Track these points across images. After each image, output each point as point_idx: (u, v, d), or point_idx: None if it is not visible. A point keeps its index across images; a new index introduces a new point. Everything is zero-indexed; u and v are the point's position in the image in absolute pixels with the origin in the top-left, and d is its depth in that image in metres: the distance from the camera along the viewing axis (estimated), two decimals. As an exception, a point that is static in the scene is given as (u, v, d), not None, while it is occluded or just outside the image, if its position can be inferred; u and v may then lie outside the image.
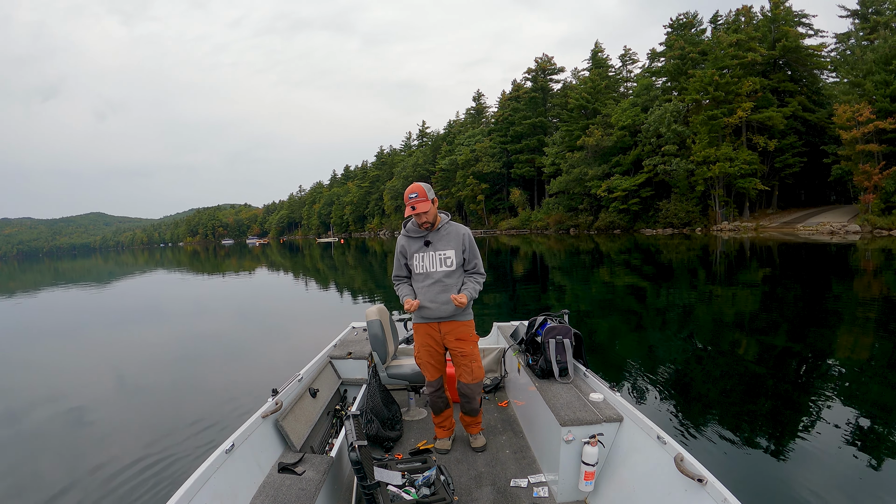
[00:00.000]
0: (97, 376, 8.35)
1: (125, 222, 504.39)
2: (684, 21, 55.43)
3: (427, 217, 3.35)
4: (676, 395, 5.81)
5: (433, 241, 3.44)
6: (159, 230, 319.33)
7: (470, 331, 3.56)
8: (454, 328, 3.49)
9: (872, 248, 22.54)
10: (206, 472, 2.36)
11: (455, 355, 3.54)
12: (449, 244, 3.44)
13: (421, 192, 3.29)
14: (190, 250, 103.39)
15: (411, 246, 3.51)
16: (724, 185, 45.03)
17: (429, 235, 3.45)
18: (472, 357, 3.52)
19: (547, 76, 74.44)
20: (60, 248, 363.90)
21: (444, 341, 3.52)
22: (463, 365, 3.53)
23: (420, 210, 3.27)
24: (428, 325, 3.51)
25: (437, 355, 3.57)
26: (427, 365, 3.59)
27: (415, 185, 3.32)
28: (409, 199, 3.29)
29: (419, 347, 3.58)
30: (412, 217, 3.45)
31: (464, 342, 3.51)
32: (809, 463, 4.02)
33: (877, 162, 34.76)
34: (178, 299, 19.86)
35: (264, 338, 10.90)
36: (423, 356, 3.59)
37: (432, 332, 3.51)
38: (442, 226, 3.47)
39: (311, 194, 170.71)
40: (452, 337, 3.50)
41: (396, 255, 3.60)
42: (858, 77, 36.38)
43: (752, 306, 11.00)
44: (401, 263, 3.59)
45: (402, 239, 3.58)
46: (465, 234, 3.50)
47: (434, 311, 3.42)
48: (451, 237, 3.46)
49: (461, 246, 3.46)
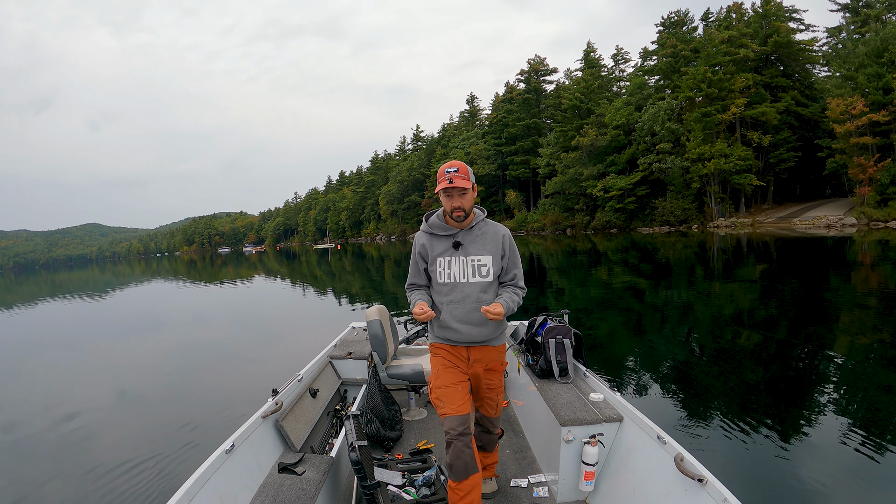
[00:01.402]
0: (97, 382, 8.33)
1: (121, 233, 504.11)
2: (676, 19, 55.77)
3: (464, 203, 2.59)
4: (676, 394, 5.77)
5: (465, 243, 2.66)
6: (155, 240, 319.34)
7: (503, 357, 2.87)
8: (486, 355, 2.74)
9: (869, 241, 22.62)
10: (207, 472, 2.34)
11: (480, 388, 2.84)
12: (485, 247, 2.67)
13: (462, 169, 2.56)
14: (186, 259, 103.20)
15: (435, 247, 2.70)
16: (720, 181, 45.21)
17: (459, 234, 2.67)
18: (499, 389, 2.88)
19: (540, 77, 74.70)
20: (57, 260, 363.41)
21: (471, 370, 2.75)
22: (488, 399, 2.87)
23: (458, 185, 2.50)
24: (453, 347, 2.73)
25: (464, 381, 2.72)
26: (451, 393, 2.64)
27: (454, 161, 2.62)
28: (447, 174, 2.54)
29: (439, 369, 2.73)
30: (437, 211, 2.79)
31: (495, 374, 2.82)
32: (809, 463, 3.99)
33: (871, 154, 34.96)
34: (177, 308, 19.78)
35: (264, 339, 10.90)
36: (445, 380, 2.68)
37: (458, 356, 2.73)
38: (476, 223, 2.71)
39: (306, 201, 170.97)
40: (482, 366, 2.75)
41: (414, 258, 2.81)
42: (851, 70, 36.63)
43: (751, 303, 10.98)
44: (419, 269, 2.78)
45: (421, 237, 2.77)
46: (506, 237, 2.73)
47: (465, 335, 2.65)
48: (488, 239, 2.69)
49: (500, 251, 2.69)
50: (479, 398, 2.90)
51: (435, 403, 2.66)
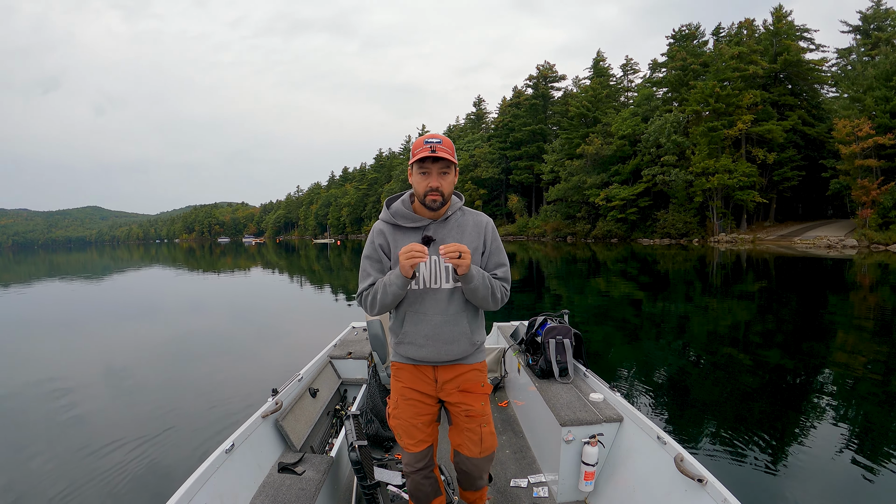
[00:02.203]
0: (94, 374, 8.23)
1: (121, 217, 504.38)
2: (686, 32, 55.81)
3: (444, 185, 2.06)
4: (676, 395, 5.80)
5: (438, 238, 2.12)
6: (155, 226, 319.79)
7: (482, 377, 2.30)
8: (459, 375, 2.23)
9: (869, 263, 22.63)
10: (206, 472, 2.33)
11: (456, 415, 2.29)
12: (463, 243, 2.10)
13: (447, 143, 2.04)
14: (185, 247, 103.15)
15: (399, 242, 2.13)
16: (723, 196, 45.23)
17: (431, 227, 2.14)
18: (482, 418, 2.28)
19: (548, 83, 74.82)
20: (56, 241, 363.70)
21: (441, 393, 2.25)
22: (468, 430, 2.27)
23: (442, 155, 1.97)
24: (416, 367, 2.24)
25: (426, 414, 2.27)
26: (410, 428, 2.25)
27: (437, 134, 2.07)
28: (427, 144, 2.00)
29: (398, 399, 2.27)
30: (403, 195, 2.25)
31: (471, 395, 2.26)
32: (809, 463, 4.03)
33: (875, 177, 35.00)
34: (175, 296, 19.75)
35: (264, 337, 10.82)
36: (403, 413, 2.25)
37: (423, 378, 2.24)
38: (451, 214, 2.19)
39: (308, 195, 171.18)
40: (454, 387, 2.24)
41: (366, 258, 2.20)
42: (859, 92, 36.70)
43: (749, 316, 11.00)
44: (373, 269, 2.17)
45: (381, 229, 2.20)
46: (488, 226, 2.23)
47: (432, 353, 2.16)
48: (468, 231, 2.17)
49: (481, 244, 2.19)
50: (457, 430, 2.31)
51: (394, 431, 2.32)
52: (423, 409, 2.25)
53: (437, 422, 2.37)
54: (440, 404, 2.32)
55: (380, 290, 2.06)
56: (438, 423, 2.38)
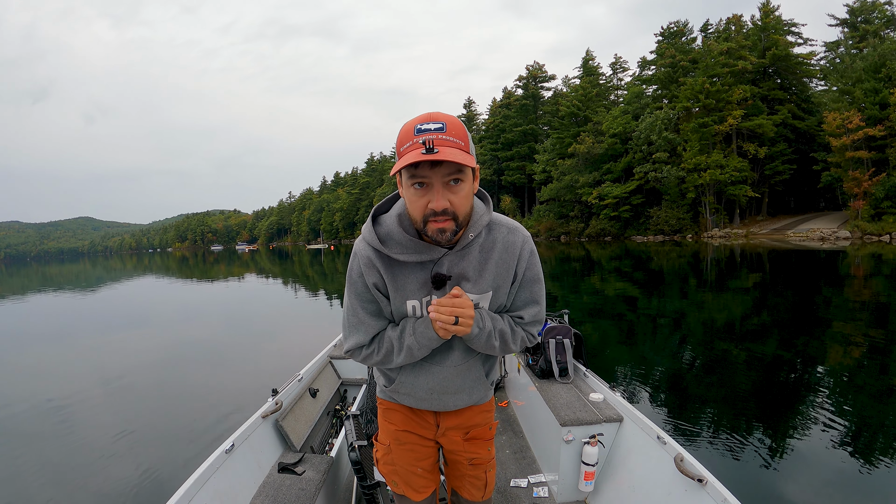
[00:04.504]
0: (93, 380, 8.18)
1: (114, 227, 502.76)
2: (675, 30, 56.11)
3: (456, 202, 1.28)
4: (676, 395, 5.78)
5: (455, 274, 1.43)
6: (148, 235, 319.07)
7: (490, 418, 1.84)
8: (465, 421, 1.77)
9: (863, 254, 22.75)
10: (206, 472, 2.32)
11: (457, 463, 1.83)
12: (488, 276, 1.46)
13: (453, 127, 1.25)
14: (179, 256, 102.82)
15: (399, 282, 1.45)
16: (715, 192, 45.47)
17: (445, 259, 1.42)
18: (488, 464, 1.85)
19: (538, 84, 75.01)
20: (48, 253, 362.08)
21: (442, 438, 1.78)
22: (471, 477, 1.83)
23: (445, 157, 1.17)
24: (413, 411, 1.75)
25: (427, 458, 1.80)
26: (409, 476, 1.77)
27: (436, 113, 1.26)
28: (421, 132, 1.22)
29: (391, 443, 1.78)
30: (395, 204, 1.50)
31: (478, 442, 1.81)
32: (809, 463, 4.01)
33: (866, 168, 35.28)
34: (171, 305, 19.64)
35: (262, 339, 10.80)
36: (399, 459, 1.77)
37: (421, 422, 1.76)
38: (474, 237, 1.43)
39: (300, 200, 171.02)
40: (459, 435, 1.78)
41: (356, 298, 1.50)
42: (848, 85, 36.97)
43: (744, 312, 11.01)
44: (371, 317, 1.51)
45: (369, 255, 1.45)
46: (524, 250, 1.49)
47: (436, 405, 1.70)
48: (492, 259, 1.46)
49: (510, 277, 1.50)
50: (458, 475, 1.85)
51: (386, 478, 1.82)
52: (423, 454, 1.78)
53: (439, 463, 1.91)
54: (438, 448, 1.86)
55: (402, 353, 1.48)
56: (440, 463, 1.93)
